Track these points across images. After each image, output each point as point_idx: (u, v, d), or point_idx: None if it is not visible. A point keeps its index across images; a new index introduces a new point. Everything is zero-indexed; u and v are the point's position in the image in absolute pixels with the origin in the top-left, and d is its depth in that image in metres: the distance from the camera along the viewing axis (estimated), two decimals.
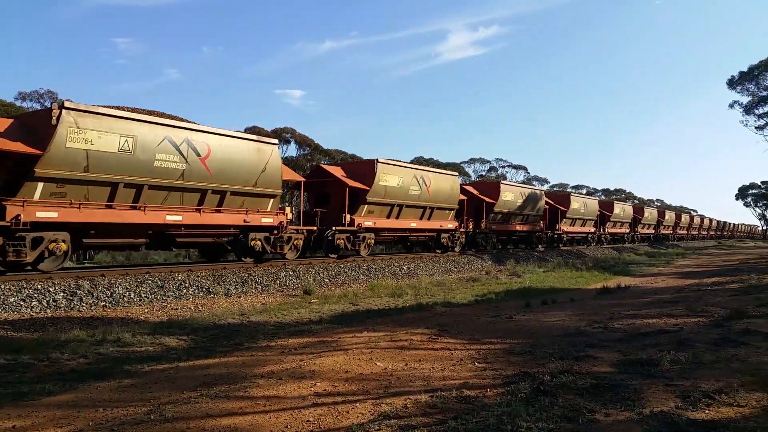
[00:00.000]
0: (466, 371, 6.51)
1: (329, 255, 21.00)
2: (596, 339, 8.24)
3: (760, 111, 45.29)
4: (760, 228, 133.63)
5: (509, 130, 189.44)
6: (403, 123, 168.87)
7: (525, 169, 69.36)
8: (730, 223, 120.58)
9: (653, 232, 62.53)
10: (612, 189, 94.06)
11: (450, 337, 8.91)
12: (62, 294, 12.18)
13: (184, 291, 14.08)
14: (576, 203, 41.44)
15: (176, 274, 14.65)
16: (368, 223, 21.94)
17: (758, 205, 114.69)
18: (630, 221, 54.41)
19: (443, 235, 26.85)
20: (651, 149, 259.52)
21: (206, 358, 7.79)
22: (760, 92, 43.51)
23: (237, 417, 4.98)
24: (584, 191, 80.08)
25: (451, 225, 27.01)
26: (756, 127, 46.79)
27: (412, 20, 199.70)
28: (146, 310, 12.46)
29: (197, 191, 15.47)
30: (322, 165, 24.14)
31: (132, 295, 13.11)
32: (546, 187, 57.91)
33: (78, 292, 12.41)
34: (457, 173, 29.68)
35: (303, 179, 21.19)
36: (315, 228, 20.16)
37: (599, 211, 45.97)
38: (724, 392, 5.13)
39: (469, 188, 31.32)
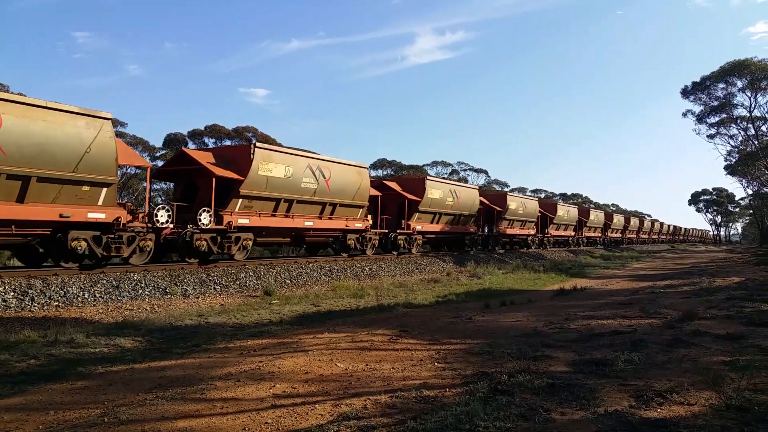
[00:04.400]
0: (426, 371, 6.54)
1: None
2: (553, 339, 8.38)
3: (712, 120, 46.89)
4: (711, 233, 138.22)
5: (472, 135, 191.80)
6: (367, 125, 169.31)
7: (486, 172, 70.03)
8: (683, 228, 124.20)
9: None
10: (569, 193, 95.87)
11: (411, 337, 8.94)
12: (12, 293, 11.79)
13: (140, 291, 13.78)
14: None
15: (132, 274, 14.33)
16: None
17: (709, 210, 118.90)
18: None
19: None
20: (608, 155, 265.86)
21: (162, 360, 7.65)
22: (712, 102, 45.10)
23: (193, 419, 4.90)
24: (542, 195, 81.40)
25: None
26: (708, 136, 48.49)
27: (380, 23, 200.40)
28: (101, 311, 12.15)
29: None
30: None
31: (86, 295, 12.77)
32: (506, 191, 58.07)
33: (30, 291, 12.03)
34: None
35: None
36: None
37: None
38: (676, 391, 5.29)
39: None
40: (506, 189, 68.62)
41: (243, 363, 7.13)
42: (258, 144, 18.63)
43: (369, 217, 24.37)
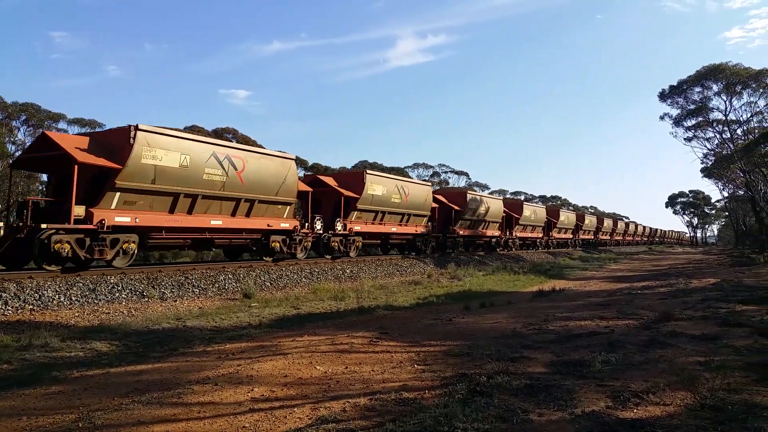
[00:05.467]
0: (405, 374, 6.54)
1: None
2: (531, 340, 8.43)
3: (689, 123, 47.57)
4: (688, 234, 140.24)
5: (454, 137, 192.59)
6: (348, 127, 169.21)
7: (467, 174, 70.39)
8: (660, 230, 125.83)
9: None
10: (549, 196, 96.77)
11: (391, 340, 8.93)
12: None
13: (117, 294, 13.60)
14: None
15: (108, 277, 14.13)
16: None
17: (686, 212, 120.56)
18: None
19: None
20: (587, 158, 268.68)
21: (139, 364, 7.55)
22: (689, 106, 45.71)
23: (170, 424, 4.84)
24: (522, 197, 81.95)
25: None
26: (685, 139, 49.15)
27: (362, 25, 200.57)
28: (77, 314, 11.97)
29: None
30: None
31: (62, 299, 12.57)
32: (486, 193, 57.82)
33: (3, 295, 11.80)
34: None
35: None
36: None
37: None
38: (652, 392, 5.35)
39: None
40: (487, 191, 68.94)
41: (221, 367, 7.06)
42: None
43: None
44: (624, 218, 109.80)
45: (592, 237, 67.72)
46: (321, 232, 23.30)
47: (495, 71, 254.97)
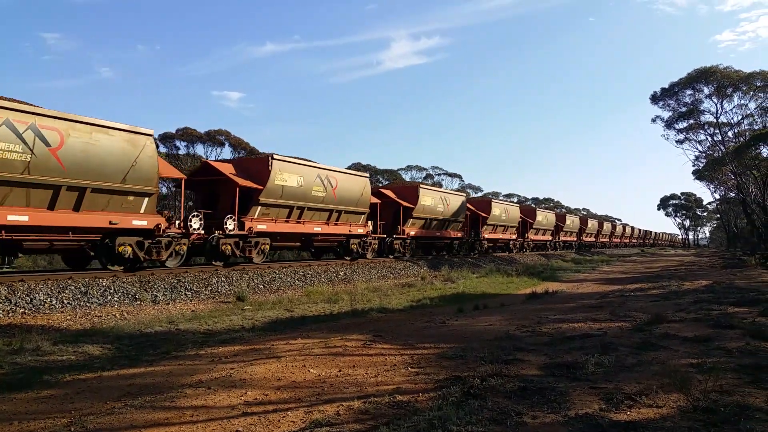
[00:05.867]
0: (399, 376, 6.53)
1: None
2: (525, 343, 8.44)
3: (680, 126, 47.84)
4: (680, 237, 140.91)
5: (447, 139, 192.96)
6: (342, 128, 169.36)
7: (460, 177, 70.54)
8: (652, 232, 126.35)
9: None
10: (541, 198, 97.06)
11: (384, 342, 8.92)
12: None
13: (109, 297, 13.53)
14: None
15: (101, 280, 14.06)
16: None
17: (678, 214, 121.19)
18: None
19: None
20: (580, 160, 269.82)
21: (131, 368, 7.51)
22: (680, 108, 45.96)
23: (163, 427, 4.82)
24: (515, 199, 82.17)
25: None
26: (676, 141, 49.44)
27: (356, 27, 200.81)
28: (68, 317, 11.90)
29: None
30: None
31: (54, 302, 12.50)
32: (490, 197, 56.84)
33: None
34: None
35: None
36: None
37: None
38: (645, 394, 5.36)
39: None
40: (479, 193, 69.16)
41: (214, 370, 7.03)
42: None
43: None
44: (617, 220, 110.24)
45: (593, 239, 68.12)
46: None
47: (488, 73, 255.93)
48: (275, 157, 20.08)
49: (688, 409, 4.88)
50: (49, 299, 12.49)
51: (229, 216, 18.46)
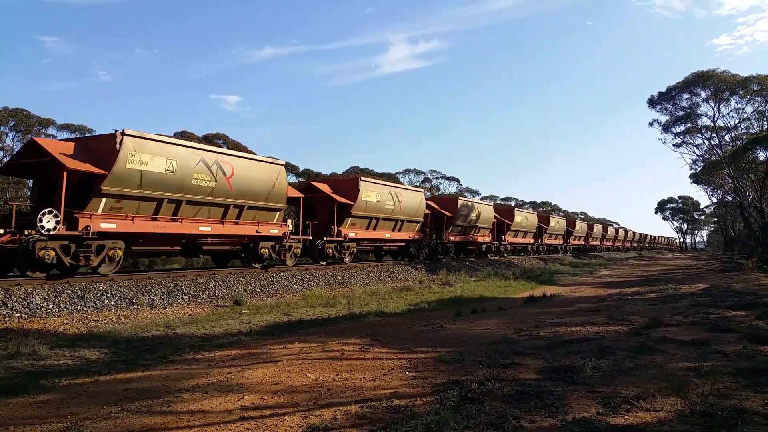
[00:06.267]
0: (397, 380, 6.52)
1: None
2: (522, 347, 8.43)
3: (677, 130, 47.98)
4: (677, 240, 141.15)
5: (445, 143, 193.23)
6: (340, 132, 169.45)
7: (458, 180, 70.58)
8: (650, 236, 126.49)
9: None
10: (539, 201, 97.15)
11: (382, 346, 8.91)
12: None
13: (106, 302, 13.50)
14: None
15: (97, 284, 14.04)
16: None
17: (676, 218, 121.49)
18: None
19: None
20: (577, 164, 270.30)
21: (128, 372, 7.49)
22: (677, 112, 46.10)
23: None
24: (512, 203, 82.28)
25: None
26: (674, 145, 49.57)
27: (354, 31, 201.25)
28: (65, 322, 11.87)
29: None
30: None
31: (50, 306, 12.47)
32: (477, 198, 57.07)
33: None
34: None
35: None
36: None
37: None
38: (642, 398, 5.35)
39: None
40: (478, 197, 69.09)
41: (211, 374, 7.01)
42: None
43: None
44: (614, 224, 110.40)
45: (582, 243, 67.84)
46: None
47: (485, 77, 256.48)
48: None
49: (686, 413, 4.88)
50: (45, 303, 12.46)
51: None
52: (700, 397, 5.16)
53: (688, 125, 46.77)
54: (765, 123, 42.75)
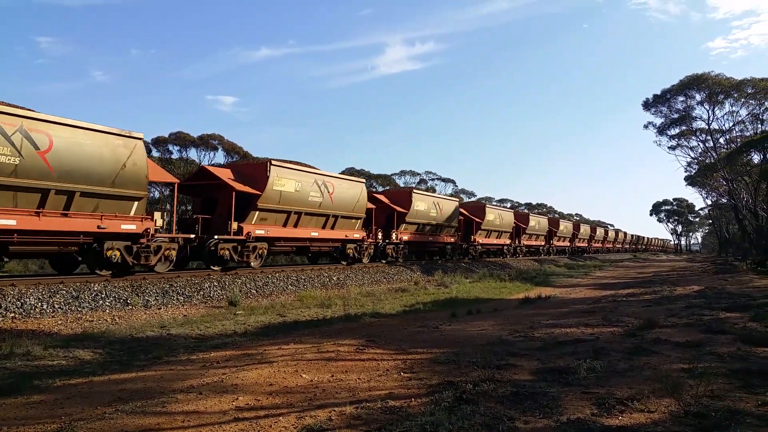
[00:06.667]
0: (392, 381, 6.52)
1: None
2: (517, 348, 8.45)
3: (672, 132, 48.12)
4: (672, 242, 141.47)
5: (441, 144, 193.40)
6: (336, 133, 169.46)
7: (453, 182, 70.46)
8: (645, 237, 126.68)
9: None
10: (534, 203, 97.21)
11: (377, 347, 8.91)
12: None
13: (101, 302, 13.45)
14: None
15: (92, 284, 13.98)
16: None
17: (670, 220, 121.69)
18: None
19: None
20: (573, 166, 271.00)
21: (122, 373, 7.47)
22: (672, 115, 46.23)
23: None
24: (508, 204, 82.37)
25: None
26: (669, 147, 49.70)
27: (351, 32, 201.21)
28: (59, 322, 11.82)
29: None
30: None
31: (44, 306, 12.41)
32: (484, 202, 56.95)
33: None
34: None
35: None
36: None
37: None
38: (637, 399, 5.37)
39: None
40: (473, 198, 69.21)
41: (205, 375, 7.00)
42: (273, 161, 20.05)
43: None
44: (610, 226, 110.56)
45: (586, 245, 67.63)
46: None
47: (482, 79, 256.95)
48: (415, 191, 27.99)
49: (680, 414, 4.89)
50: (40, 304, 12.41)
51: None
52: (694, 398, 5.18)
53: (683, 128, 46.91)
54: (759, 126, 42.91)
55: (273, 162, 20.07)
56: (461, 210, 36.28)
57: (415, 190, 31.28)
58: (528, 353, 7.99)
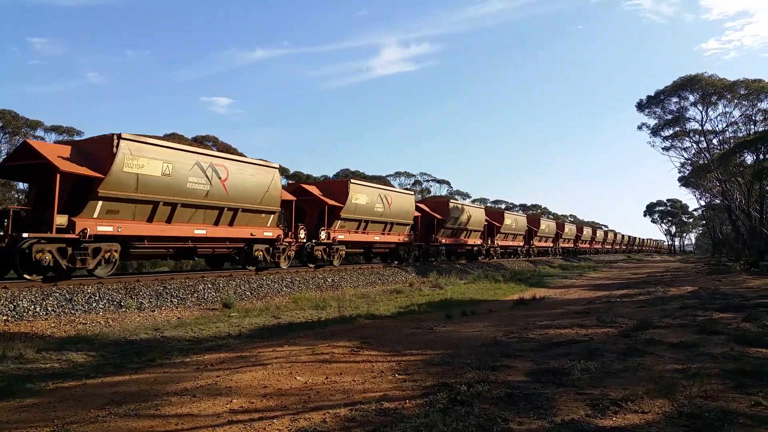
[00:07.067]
0: (386, 383, 6.51)
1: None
2: (512, 349, 8.45)
3: (666, 133, 48.34)
4: (666, 243, 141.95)
5: (436, 145, 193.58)
6: (331, 134, 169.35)
7: (448, 183, 70.57)
8: (639, 238, 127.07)
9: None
10: (529, 204, 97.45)
11: (372, 349, 8.90)
12: None
13: (94, 304, 13.39)
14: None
15: (85, 287, 13.92)
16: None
17: (664, 221, 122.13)
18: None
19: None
20: (567, 167, 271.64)
21: (116, 375, 7.44)
22: (666, 116, 46.44)
23: None
24: (503, 206, 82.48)
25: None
26: (662, 148, 49.91)
27: (346, 34, 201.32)
28: (53, 325, 11.77)
29: None
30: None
31: (38, 309, 12.35)
32: (468, 201, 57.23)
33: None
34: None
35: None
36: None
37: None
38: (631, 399, 5.38)
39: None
40: (468, 200, 69.16)
41: (199, 378, 6.98)
42: (124, 135, 14.80)
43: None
44: (603, 227, 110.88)
45: (572, 245, 67.64)
46: (305, 240, 22.97)
47: (476, 80, 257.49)
48: (352, 181, 25.76)
49: (673, 415, 4.91)
50: (32, 306, 12.35)
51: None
52: (688, 399, 5.20)
53: (677, 129, 47.13)
54: (752, 127, 43.14)
55: (123, 136, 14.80)
56: (423, 206, 33.01)
57: (352, 180, 26.43)
58: (522, 354, 8.00)
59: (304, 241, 22.98)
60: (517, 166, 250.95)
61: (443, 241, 34.01)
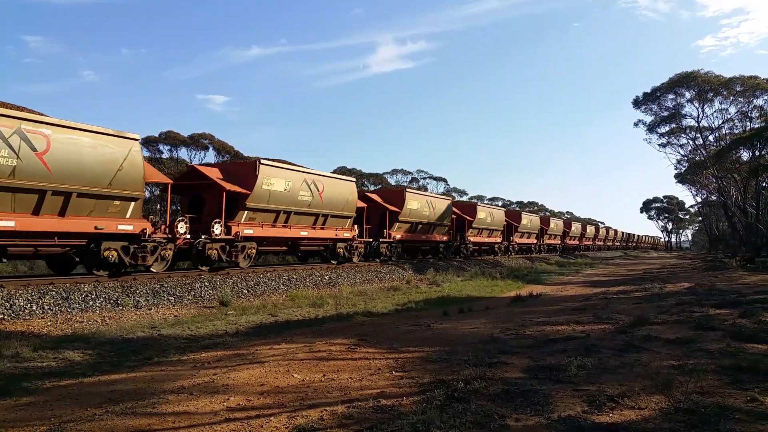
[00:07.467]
0: (383, 380, 6.52)
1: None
2: (509, 346, 8.46)
3: (662, 130, 48.40)
4: (662, 239, 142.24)
5: (432, 143, 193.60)
6: (328, 132, 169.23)
7: (445, 180, 70.65)
8: (635, 235, 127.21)
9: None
10: (526, 201, 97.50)
11: (369, 346, 8.90)
12: None
13: (91, 303, 13.37)
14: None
15: (82, 285, 13.89)
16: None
17: (661, 217, 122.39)
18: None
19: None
20: (564, 164, 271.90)
21: (113, 374, 7.43)
22: (662, 112, 46.50)
23: None
24: (500, 203, 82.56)
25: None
26: (659, 145, 50.03)
27: (342, 32, 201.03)
28: (49, 323, 11.74)
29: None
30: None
31: (34, 307, 12.33)
32: (464, 198, 57.27)
33: None
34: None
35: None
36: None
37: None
38: (627, 396, 5.39)
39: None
40: (464, 197, 69.29)
41: (196, 376, 6.97)
42: (263, 160, 19.95)
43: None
44: (601, 224, 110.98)
45: (577, 242, 67.44)
46: (371, 239, 27.28)
47: (473, 78, 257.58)
48: (408, 189, 26.95)
49: (670, 411, 4.92)
50: (29, 305, 12.32)
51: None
52: (684, 395, 5.21)
53: (673, 125, 47.23)
54: (748, 123, 43.26)
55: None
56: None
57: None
58: (519, 351, 8.00)
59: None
60: (514, 164, 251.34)
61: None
